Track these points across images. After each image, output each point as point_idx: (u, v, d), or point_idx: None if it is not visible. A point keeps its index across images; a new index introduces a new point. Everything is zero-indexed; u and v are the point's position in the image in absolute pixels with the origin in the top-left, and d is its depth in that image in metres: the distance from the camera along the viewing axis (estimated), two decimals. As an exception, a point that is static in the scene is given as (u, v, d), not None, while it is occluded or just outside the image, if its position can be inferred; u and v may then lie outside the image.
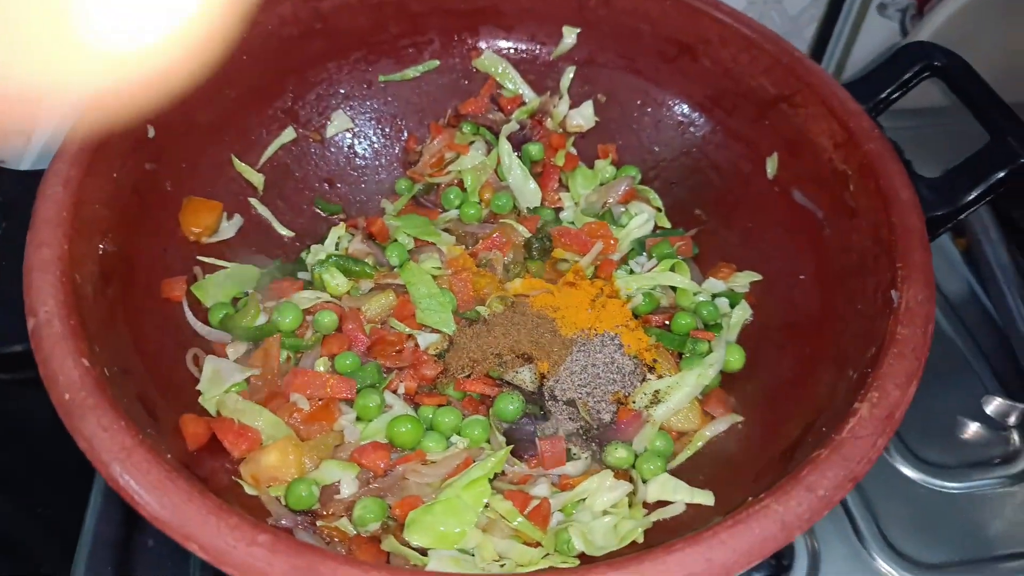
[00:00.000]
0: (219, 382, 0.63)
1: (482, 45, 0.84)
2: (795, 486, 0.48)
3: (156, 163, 0.67)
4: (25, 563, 0.82)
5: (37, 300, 0.52)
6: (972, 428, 0.82)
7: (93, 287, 0.57)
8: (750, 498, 0.50)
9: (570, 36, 0.83)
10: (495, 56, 0.84)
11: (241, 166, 0.76)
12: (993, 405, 0.82)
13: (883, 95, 0.72)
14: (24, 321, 0.52)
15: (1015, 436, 0.82)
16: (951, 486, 0.78)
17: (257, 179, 0.77)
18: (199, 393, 0.63)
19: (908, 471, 0.79)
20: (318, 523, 0.58)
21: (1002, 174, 0.66)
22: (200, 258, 0.71)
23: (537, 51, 0.84)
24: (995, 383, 0.86)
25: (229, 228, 0.74)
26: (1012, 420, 0.82)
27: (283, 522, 0.57)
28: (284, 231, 0.77)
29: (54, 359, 0.50)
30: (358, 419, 0.64)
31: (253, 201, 0.76)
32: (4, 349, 0.56)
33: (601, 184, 0.82)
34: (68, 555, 0.70)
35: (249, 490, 0.58)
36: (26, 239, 0.55)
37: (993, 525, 0.77)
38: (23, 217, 0.56)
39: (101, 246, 0.60)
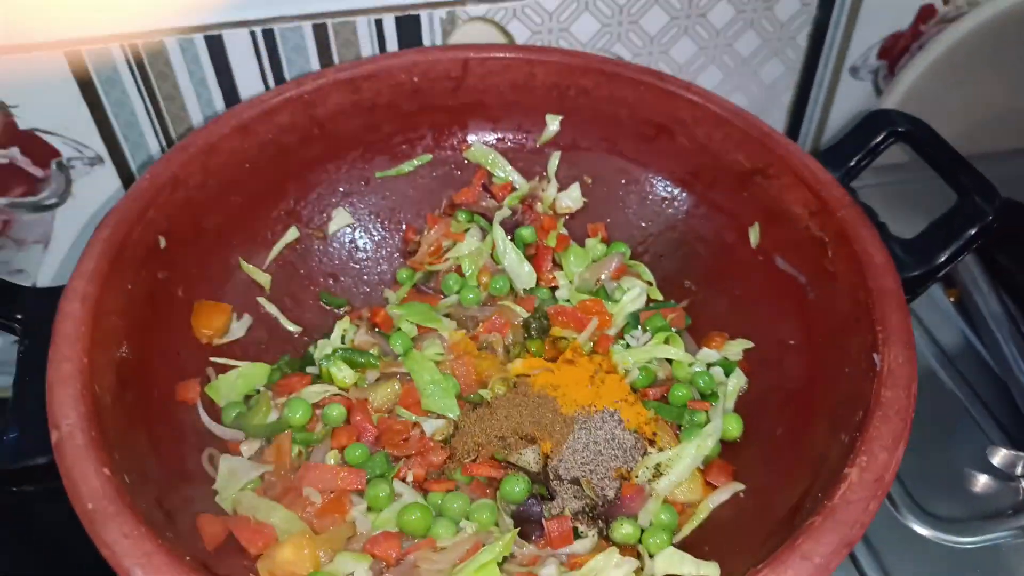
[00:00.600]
0: (235, 480, 0.65)
1: (471, 138, 0.89)
2: (791, 555, 0.49)
3: (168, 271, 0.71)
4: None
5: (60, 414, 0.55)
6: (980, 480, 0.83)
7: (112, 395, 0.60)
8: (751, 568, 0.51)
9: (553, 123, 0.87)
10: (484, 147, 0.89)
11: (248, 267, 0.79)
12: (999, 456, 0.83)
13: (852, 163, 0.75)
14: (46, 434, 0.55)
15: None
16: (963, 540, 0.78)
17: (264, 279, 0.80)
18: (215, 492, 0.65)
19: (919, 528, 0.79)
20: (335, 615, 0.60)
21: (973, 231, 0.69)
22: (212, 359, 0.74)
23: (524, 139, 0.89)
24: (999, 433, 0.86)
25: (239, 328, 0.77)
26: (1019, 470, 0.82)
27: (301, 616, 0.58)
28: (292, 327, 0.81)
29: (76, 470, 0.52)
30: (369, 509, 0.66)
31: (261, 300, 0.80)
32: (29, 462, 0.58)
33: (593, 262, 0.85)
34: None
35: (266, 586, 0.60)
36: (48, 355, 0.58)
37: (1011, 578, 0.76)
38: (43, 334, 0.60)
39: (118, 355, 0.63)
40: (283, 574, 0.60)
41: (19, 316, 0.65)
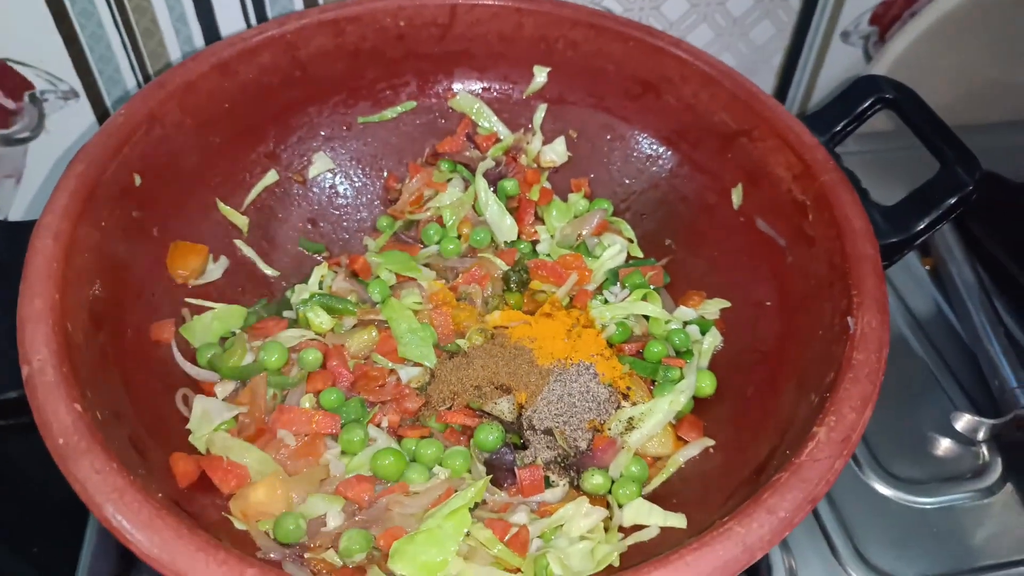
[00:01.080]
0: (208, 421, 0.65)
1: (457, 86, 0.87)
2: (756, 509, 0.51)
3: (142, 210, 0.70)
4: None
5: (31, 349, 0.54)
6: (943, 444, 0.85)
7: (84, 334, 0.59)
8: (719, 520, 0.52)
9: (541, 75, 0.86)
10: (470, 96, 0.88)
11: (226, 209, 0.78)
12: (962, 421, 0.85)
13: (838, 128, 0.75)
14: (16, 368, 0.55)
15: (984, 451, 0.84)
16: (924, 501, 0.80)
17: (242, 221, 0.79)
18: (189, 432, 0.65)
19: (881, 488, 0.81)
20: (306, 555, 0.60)
21: (952, 201, 0.69)
22: (188, 300, 0.73)
23: (510, 90, 0.88)
24: (964, 399, 0.88)
25: (215, 270, 0.76)
26: (981, 435, 0.84)
27: (272, 555, 0.59)
28: (269, 271, 0.80)
29: (48, 406, 0.52)
30: (343, 453, 0.66)
31: (238, 243, 0.79)
32: (0, 396, 0.58)
33: (575, 217, 0.85)
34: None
35: (239, 525, 0.60)
36: (19, 291, 0.57)
37: (966, 538, 0.79)
38: (15, 269, 0.59)
39: (91, 293, 0.62)
40: (255, 514, 0.60)
41: (-11, 250, 0.64)
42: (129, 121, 0.69)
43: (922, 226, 0.69)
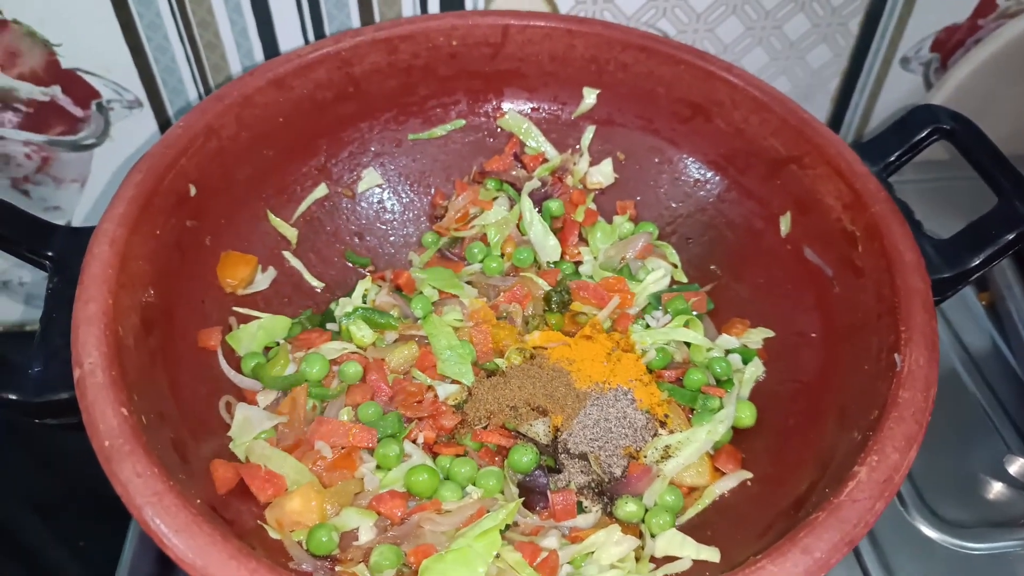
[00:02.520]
0: (249, 429, 0.67)
1: (506, 106, 0.88)
2: (791, 548, 0.49)
3: (196, 220, 0.72)
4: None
5: (83, 352, 0.56)
6: (994, 488, 0.82)
7: (135, 338, 0.61)
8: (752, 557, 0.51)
9: (590, 96, 0.86)
10: (519, 116, 0.88)
11: (276, 221, 0.80)
12: (1016, 465, 0.82)
13: (892, 158, 0.73)
14: (70, 370, 0.57)
15: (1038, 496, 0.81)
16: (972, 547, 0.77)
17: (291, 233, 0.81)
18: (230, 439, 0.66)
19: (927, 530, 0.78)
20: (337, 568, 0.61)
21: (1010, 237, 0.67)
22: (235, 309, 0.75)
23: (559, 111, 0.88)
24: (1018, 441, 0.85)
25: (263, 280, 0.78)
26: (1035, 480, 0.81)
27: (304, 566, 0.59)
28: (315, 283, 0.81)
29: (96, 408, 0.54)
30: (378, 467, 0.67)
31: (286, 254, 0.81)
32: (52, 396, 0.60)
33: (620, 239, 0.85)
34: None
35: (273, 534, 0.61)
36: (75, 295, 0.59)
37: (1015, 587, 0.76)
38: (73, 272, 0.61)
39: (143, 299, 0.64)
40: (289, 523, 0.61)
41: (50, 253, 0.66)
42: (187, 133, 0.71)
43: (977, 262, 0.67)
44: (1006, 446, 0.84)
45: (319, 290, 0.82)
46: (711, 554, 0.60)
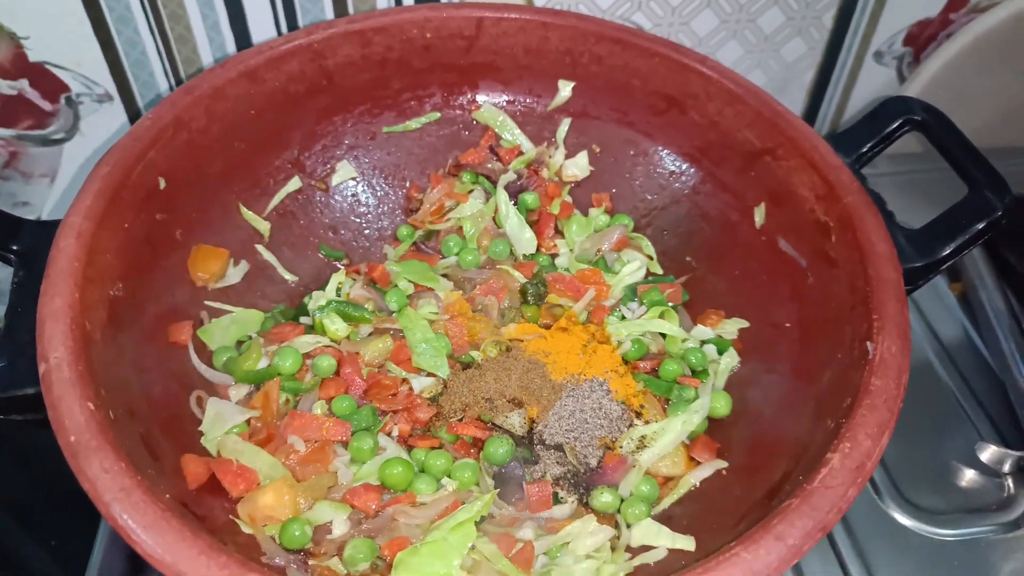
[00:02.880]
0: (221, 423, 0.66)
1: (481, 98, 0.88)
2: (764, 535, 0.50)
3: (166, 213, 0.71)
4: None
5: (48, 347, 0.55)
6: (966, 475, 0.83)
7: (102, 332, 0.60)
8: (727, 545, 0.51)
9: (565, 89, 0.86)
10: (494, 108, 0.88)
11: (248, 214, 0.79)
12: (988, 452, 0.82)
13: (865, 149, 0.74)
14: (36, 365, 0.55)
15: (1010, 483, 0.82)
16: (945, 533, 0.78)
17: (264, 226, 0.80)
18: (201, 434, 0.65)
19: (901, 518, 0.79)
20: (310, 562, 0.60)
21: (980, 226, 0.67)
22: (207, 303, 0.74)
23: (534, 104, 0.88)
24: (990, 429, 0.86)
25: (235, 274, 0.77)
26: (1007, 467, 0.82)
27: (277, 560, 0.59)
28: (288, 276, 0.81)
29: (62, 403, 0.53)
30: (352, 461, 0.66)
31: (259, 248, 0.80)
32: (17, 392, 0.59)
33: (595, 231, 0.85)
34: (74, 585, 0.73)
35: (245, 529, 0.60)
36: (40, 289, 0.58)
37: (988, 573, 0.76)
38: (39, 267, 0.60)
39: (112, 293, 0.63)
40: (262, 518, 0.61)
41: (16, 247, 0.65)
42: (156, 125, 0.70)
43: (948, 251, 0.67)
44: (978, 434, 0.85)
45: (292, 284, 0.81)
46: (686, 543, 0.60)
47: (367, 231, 0.87)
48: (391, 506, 0.62)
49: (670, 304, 0.79)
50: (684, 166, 0.84)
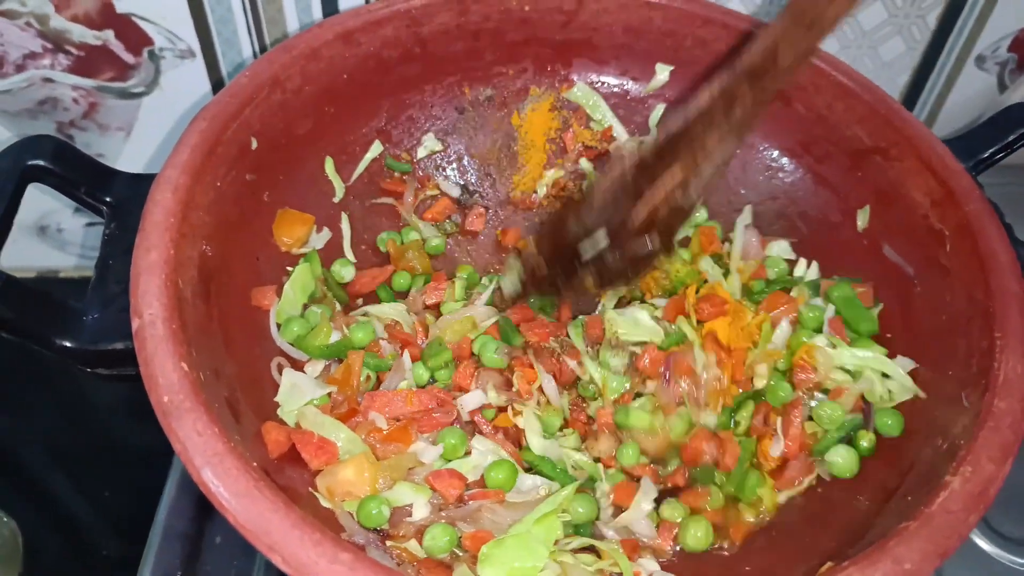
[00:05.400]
0: (298, 396, 0.64)
1: (575, 77, 0.85)
2: (881, 557, 0.47)
3: (256, 174, 0.69)
4: (92, 543, 0.85)
5: (143, 302, 0.54)
6: (1056, 506, 0.79)
7: (192, 291, 0.59)
8: (830, 563, 0.49)
9: (663, 73, 0.83)
10: (587, 88, 0.85)
11: (333, 175, 0.77)
12: (1079, 482, 0.79)
13: (984, 155, 0.70)
14: (126, 319, 0.54)
15: (1101, 515, 0.78)
16: (1027, 563, 0.75)
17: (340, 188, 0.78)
18: (278, 404, 0.64)
19: (983, 543, 0.76)
20: (387, 543, 0.59)
21: (1110, 245, 0.64)
22: (289, 268, 0.72)
23: (628, 86, 0.85)
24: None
25: (317, 240, 0.75)
26: (1100, 500, 0.78)
27: (356, 538, 0.57)
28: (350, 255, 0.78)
29: (156, 360, 0.51)
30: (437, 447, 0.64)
31: (344, 216, 0.78)
32: (107, 345, 0.57)
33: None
34: (135, 542, 0.72)
35: (324, 502, 0.59)
36: (135, 242, 0.57)
37: (1071, 608, 0.73)
38: (130, 220, 0.59)
39: (202, 251, 0.62)
40: (341, 493, 0.59)
41: (108, 199, 0.64)
42: (253, 82, 0.68)
43: (1073, 268, 0.64)
44: (1069, 462, 0.81)
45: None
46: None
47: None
48: (478, 500, 0.60)
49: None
50: (784, 161, 0.80)
